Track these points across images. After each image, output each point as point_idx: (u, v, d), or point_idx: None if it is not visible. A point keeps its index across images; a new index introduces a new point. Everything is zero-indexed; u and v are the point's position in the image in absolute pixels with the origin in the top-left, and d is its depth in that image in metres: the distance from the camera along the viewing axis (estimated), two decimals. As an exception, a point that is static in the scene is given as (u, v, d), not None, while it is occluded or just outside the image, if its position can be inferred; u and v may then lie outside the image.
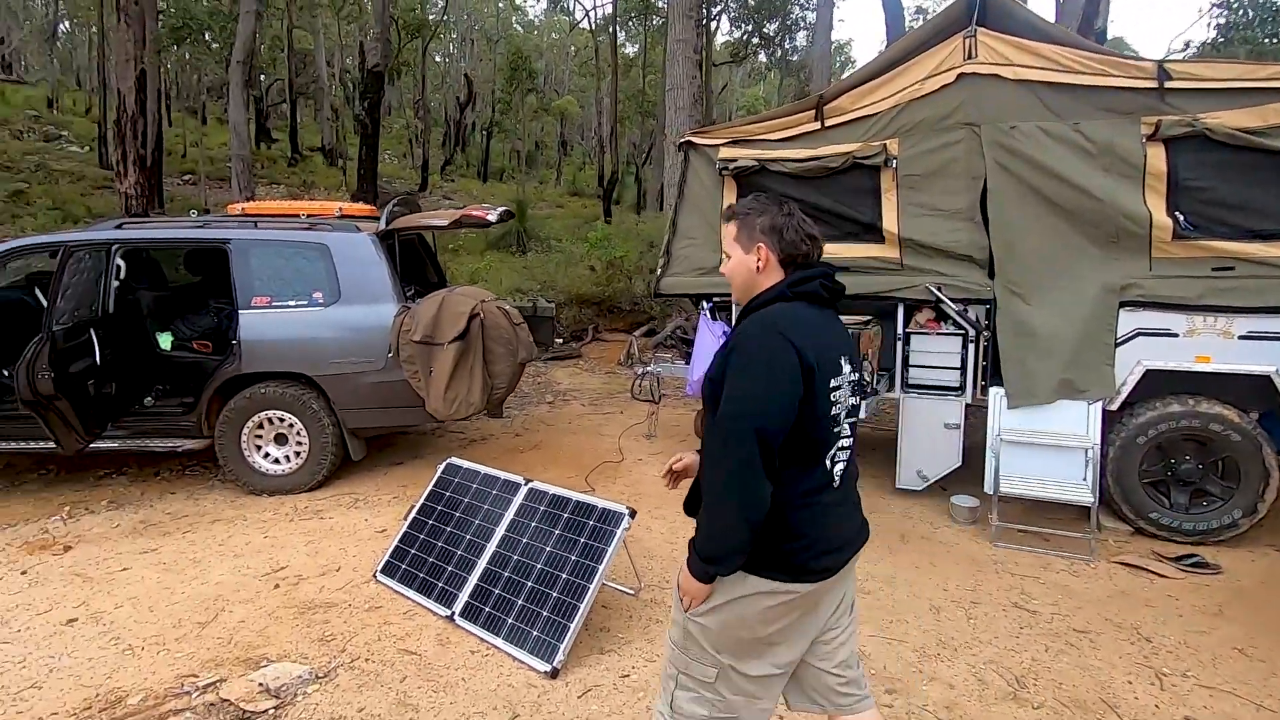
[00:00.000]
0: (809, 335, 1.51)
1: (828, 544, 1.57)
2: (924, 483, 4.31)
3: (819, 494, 1.56)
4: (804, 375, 1.47)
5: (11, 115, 24.16)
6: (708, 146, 4.72)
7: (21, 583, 3.43)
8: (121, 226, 4.66)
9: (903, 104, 4.21)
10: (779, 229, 1.60)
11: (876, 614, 3.09)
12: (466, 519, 3.26)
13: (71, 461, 5.01)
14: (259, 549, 3.78)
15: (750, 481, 1.44)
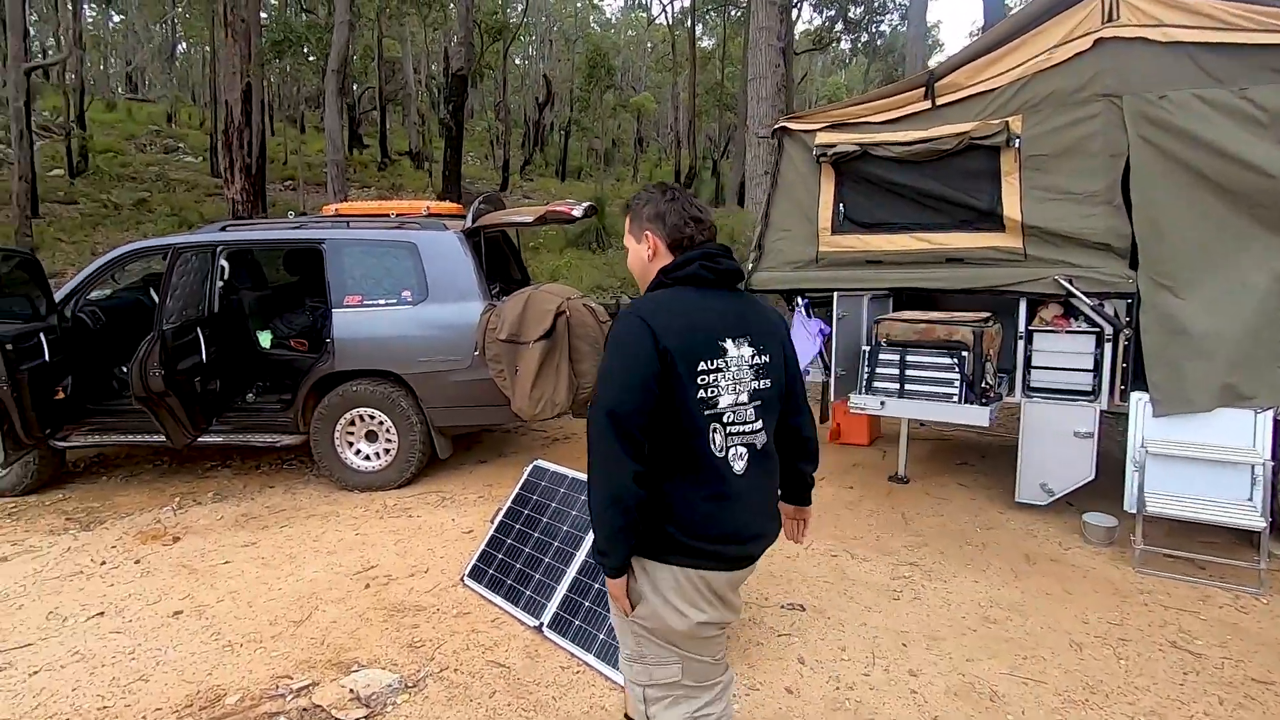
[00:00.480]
0: (676, 318, 1.51)
1: (732, 537, 1.56)
2: (1049, 497, 3.88)
3: (713, 486, 1.53)
4: (660, 357, 1.47)
5: (136, 130, 26.30)
6: (803, 132, 4.42)
7: (135, 572, 3.56)
8: (225, 229, 4.83)
9: (1027, 77, 3.79)
10: (662, 215, 1.61)
11: (1006, 648, 2.76)
12: (554, 525, 3.13)
13: (182, 454, 5.25)
14: (350, 546, 3.80)
15: (612, 467, 1.46)
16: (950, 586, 3.23)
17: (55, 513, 4.45)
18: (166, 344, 4.01)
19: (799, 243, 4.48)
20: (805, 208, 4.42)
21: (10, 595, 3.34)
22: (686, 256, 1.58)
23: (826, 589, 3.21)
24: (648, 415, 1.47)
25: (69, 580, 3.49)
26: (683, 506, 1.52)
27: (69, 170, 19.47)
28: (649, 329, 1.48)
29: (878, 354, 3.79)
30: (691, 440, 1.51)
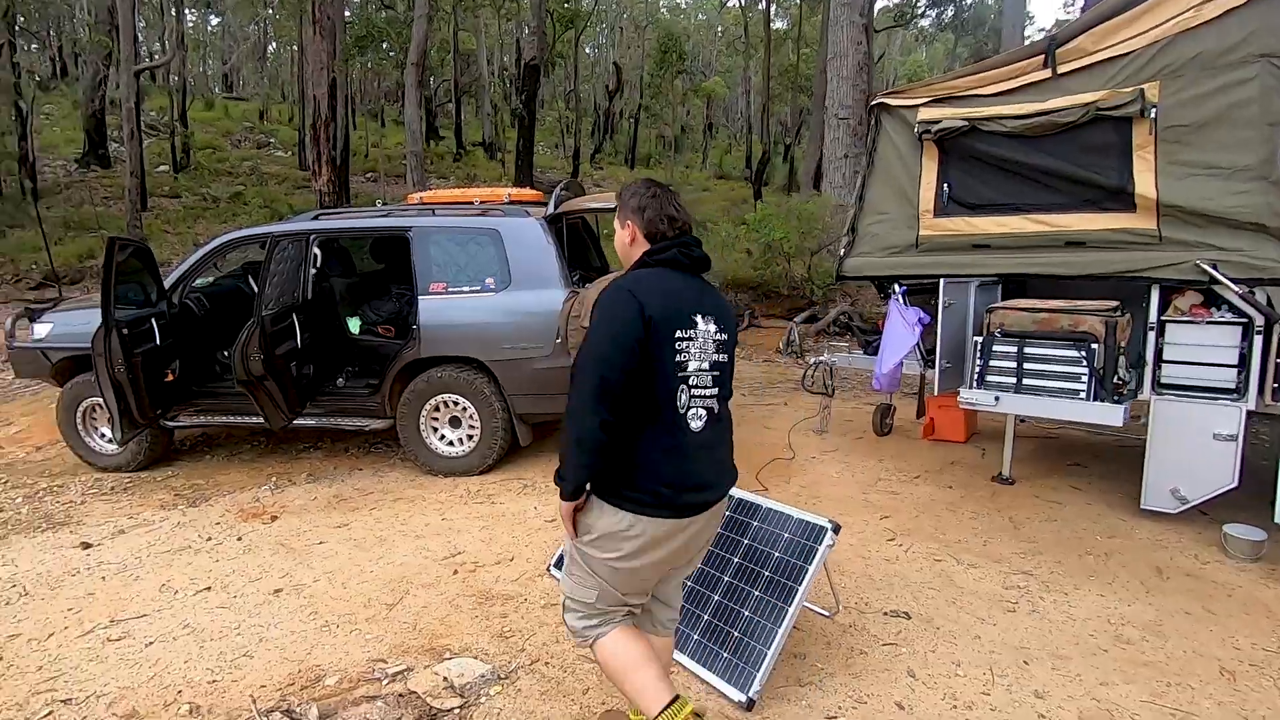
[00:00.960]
0: (657, 293, 1.74)
1: (683, 483, 1.77)
2: (1180, 505, 3.52)
3: (673, 438, 1.75)
4: (644, 324, 1.69)
5: (232, 127, 27.78)
6: (904, 108, 4.14)
7: (237, 549, 3.70)
8: (318, 218, 4.96)
9: (1168, 38, 3.41)
10: (643, 209, 1.85)
11: (1145, 673, 2.49)
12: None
13: (277, 436, 5.46)
14: (437, 531, 3.83)
15: (585, 414, 1.66)
16: (1072, 600, 2.96)
17: (165, 489, 4.69)
18: (265, 330, 4.13)
19: (897, 227, 4.21)
20: (904, 189, 4.15)
21: (128, 566, 3.52)
22: (667, 243, 1.83)
23: (932, 596, 3.00)
24: (628, 374, 1.68)
25: (178, 554, 3.65)
26: (645, 454, 1.74)
27: (173, 166, 20.77)
28: (636, 300, 1.70)
29: (991, 345, 3.51)
30: (662, 397, 1.74)
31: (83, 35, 20.50)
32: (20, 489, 4.76)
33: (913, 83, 4.56)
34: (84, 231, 15.25)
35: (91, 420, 4.96)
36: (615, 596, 1.84)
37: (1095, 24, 3.60)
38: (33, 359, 5.00)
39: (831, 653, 2.61)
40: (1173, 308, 3.50)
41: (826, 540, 2.42)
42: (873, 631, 2.74)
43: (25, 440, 5.83)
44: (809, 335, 8.61)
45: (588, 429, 1.66)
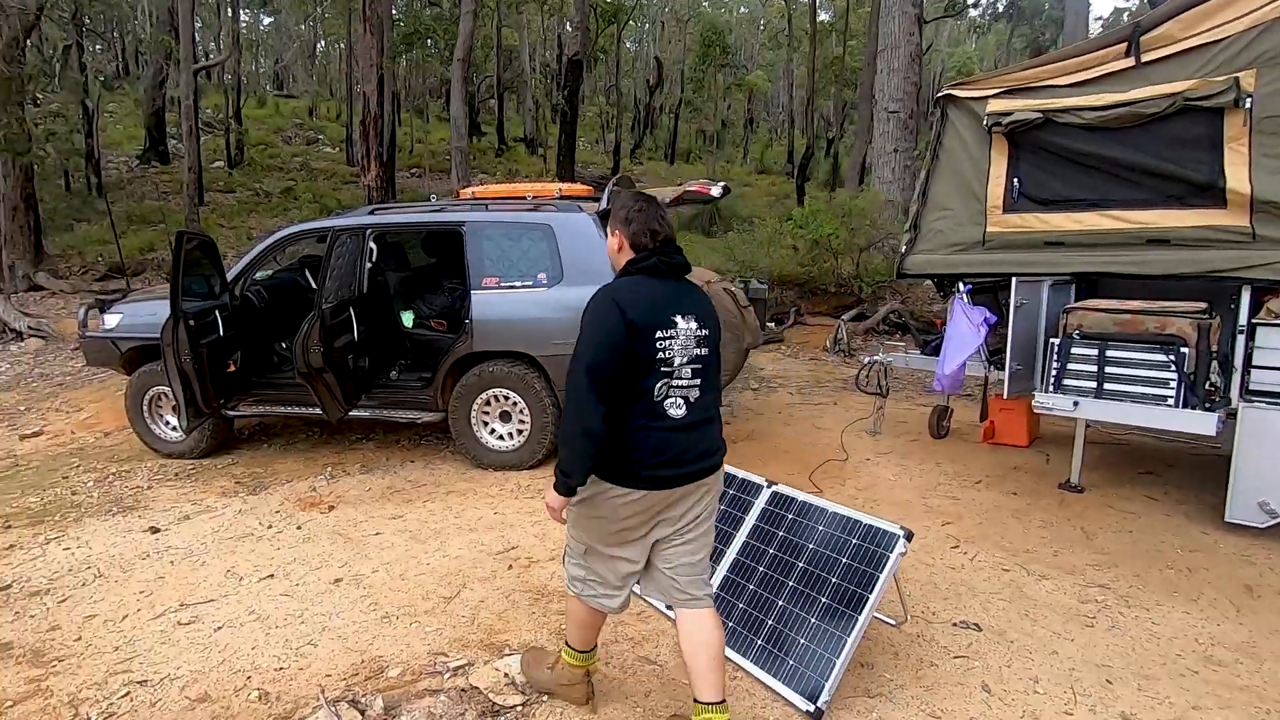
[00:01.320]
0: (637, 298, 1.94)
1: (662, 459, 1.97)
2: (1270, 520, 3.32)
3: (655, 421, 1.96)
4: (626, 328, 1.90)
5: (283, 124, 28.50)
6: (972, 100, 3.99)
7: (297, 537, 3.77)
8: (374, 212, 5.02)
9: (1265, 23, 3.20)
10: (629, 221, 2.04)
11: (1242, 698, 2.35)
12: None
13: (330, 426, 5.56)
14: (490, 525, 3.85)
15: (584, 406, 1.88)
16: (1155, 617, 2.82)
17: (226, 476, 4.82)
18: (325, 322, 4.20)
19: (962, 223, 4.07)
20: (971, 184, 4.00)
21: (194, 552, 3.62)
22: (648, 252, 2.01)
23: (1003, 608, 2.89)
24: (615, 370, 1.90)
25: (241, 541, 3.74)
26: (634, 435, 1.96)
27: (228, 162, 21.42)
28: (617, 306, 1.91)
29: (1069, 348, 3.36)
30: (642, 388, 1.95)
31: (145, 36, 21.27)
32: (91, 473, 4.95)
33: (980, 74, 4.38)
34: (145, 225, 15.81)
35: (157, 408, 5.12)
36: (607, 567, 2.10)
37: (1185, 9, 3.41)
38: (102, 348, 5.18)
39: (900, 663, 2.52)
40: (1265, 310, 3.30)
41: (899, 548, 2.34)
42: (942, 643, 2.64)
43: (95, 426, 6.07)
44: (857, 333, 8.43)
45: (593, 425, 1.88)
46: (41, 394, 7.12)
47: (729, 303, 3.92)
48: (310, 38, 38.31)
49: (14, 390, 7.28)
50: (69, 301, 11.80)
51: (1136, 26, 3.50)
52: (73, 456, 5.36)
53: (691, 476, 2.03)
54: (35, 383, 7.54)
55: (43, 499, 4.51)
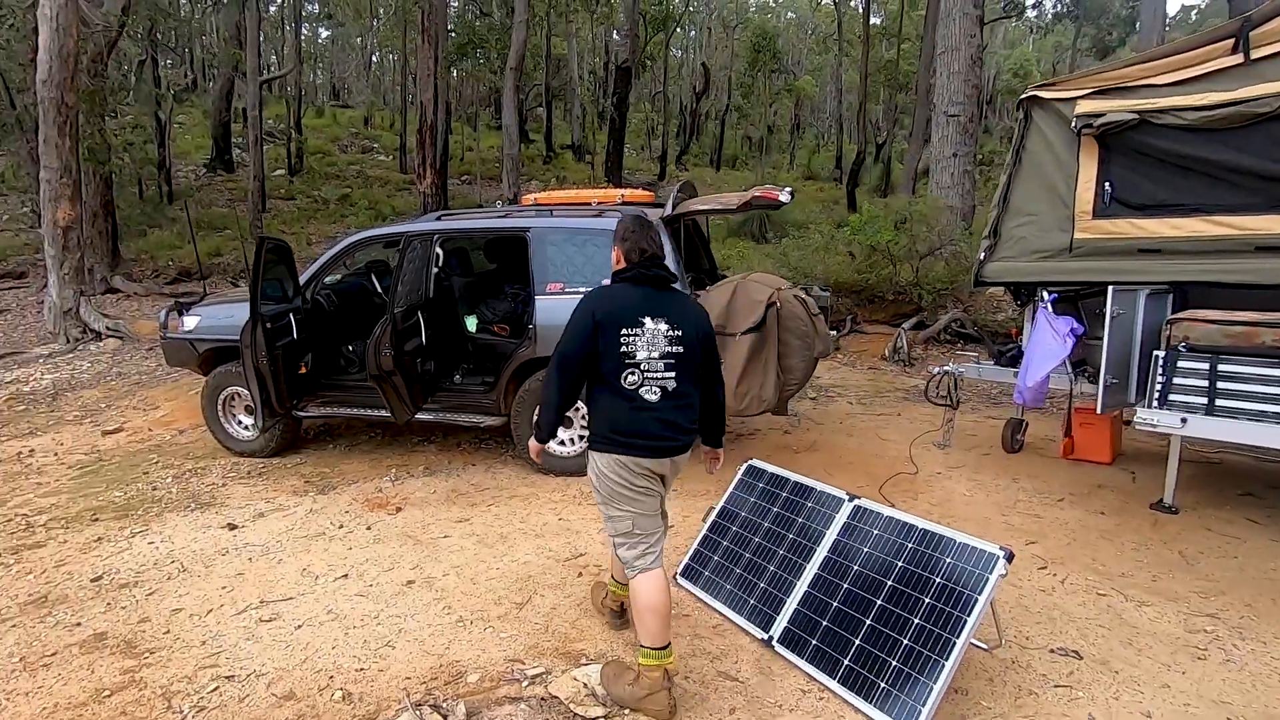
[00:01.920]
0: (608, 303, 2.37)
1: (640, 436, 2.36)
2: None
3: (627, 403, 2.34)
4: (592, 324, 2.32)
5: (339, 133, 29.42)
6: (1059, 100, 3.82)
7: (367, 538, 3.82)
8: (441, 218, 5.09)
9: (1393, 14, 2.98)
10: (625, 239, 2.45)
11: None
12: (778, 531, 2.92)
13: (392, 428, 5.66)
14: (556, 531, 3.83)
15: (550, 382, 2.40)
16: (1273, 650, 2.63)
17: (295, 475, 4.93)
18: (396, 326, 4.27)
19: (1047, 229, 3.90)
20: (1057, 188, 3.83)
21: (270, 550, 3.70)
22: (630, 265, 2.44)
23: (1103, 635, 2.73)
24: (581, 358, 2.35)
25: (315, 540, 3.81)
26: (611, 414, 2.38)
27: (288, 170, 22.19)
28: (589, 307, 2.38)
29: (1175, 361, 3.18)
30: (614, 375, 2.35)
31: (213, 53, 22.24)
32: (169, 469, 5.13)
33: (1066, 75, 4.20)
34: (212, 231, 16.47)
35: (230, 408, 5.28)
36: (640, 522, 2.42)
37: (1299, 1, 3.20)
38: (181, 349, 5.38)
39: (997, 690, 2.40)
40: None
41: (998, 569, 2.23)
42: (1040, 670, 2.51)
43: (171, 424, 6.30)
44: (917, 342, 8.21)
45: (552, 397, 2.42)
46: (120, 392, 7.45)
47: (799, 310, 3.84)
48: (366, 51, 39.52)
49: (96, 388, 7.63)
50: (142, 304, 12.36)
51: (1246, 21, 3.29)
52: (151, 453, 5.56)
53: (662, 451, 2.41)
54: (114, 381, 7.89)
55: (126, 493, 4.69)
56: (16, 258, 13.56)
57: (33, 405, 7.01)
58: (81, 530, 4.08)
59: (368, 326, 5.73)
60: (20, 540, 3.95)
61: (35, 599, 3.26)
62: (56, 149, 8.83)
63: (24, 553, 3.78)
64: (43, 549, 3.84)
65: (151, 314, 11.66)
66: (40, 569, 3.58)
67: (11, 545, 3.88)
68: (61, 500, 4.61)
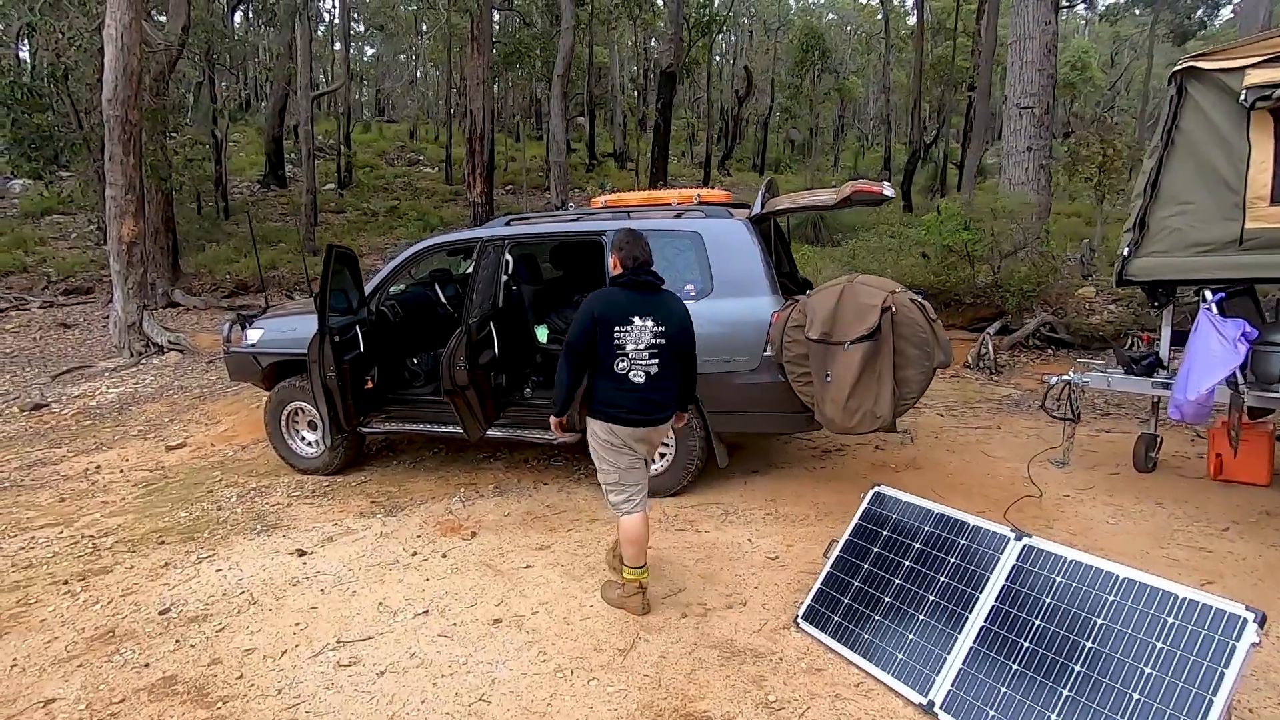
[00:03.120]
0: (605, 303, 2.93)
1: (626, 409, 2.95)
2: None
3: (618, 385, 2.94)
4: (592, 321, 2.90)
5: (386, 146, 29.91)
6: (1223, 71, 3.34)
7: (444, 567, 3.54)
8: (510, 223, 4.83)
9: None
10: (620, 249, 2.99)
11: None
12: (924, 573, 2.52)
13: (456, 444, 5.41)
14: (648, 562, 3.49)
15: (562, 367, 2.97)
16: None
17: (361, 495, 4.70)
18: (471, 337, 4.00)
19: (1208, 219, 3.41)
20: (1221, 172, 3.35)
21: (343, 579, 3.45)
22: (625, 271, 2.94)
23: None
24: (583, 347, 2.91)
25: (388, 569, 3.54)
26: (603, 392, 2.95)
27: (338, 184, 22.54)
28: (590, 308, 2.90)
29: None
30: (608, 362, 2.90)
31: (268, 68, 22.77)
32: (233, 487, 4.96)
33: (1231, 41, 3.69)
34: (266, 245, 16.75)
35: (294, 424, 5.10)
36: (625, 475, 2.99)
37: None
38: (244, 363, 5.22)
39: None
40: None
41: (1249, 636, 1.80)
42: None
43: (232, 439, 6.18)
44: (1002, 349, 7.65)
45: (564, 379, 2.95)
46: (182, 406, 7.40)
47: (917, 315, 3.44)
48: (411, 66, 40.26)
49: (158, 402, 7.61)
50: (201, 317, 12.53)
51: None
52: (215, 470, 5.42)
53: (645, 422, 2.97)
54: (176, 395, 7.86)
55: (191, 513, 4.52)
56: (84, 274, 13.93)
57: (99, 420, 7.00)
58: (148, 554, 3.91)
59: (432, 338, 5.53)
60: (88, 565, 3.79)
61: (102, 633, 3.06)
62: (121, 166, 8.92)
63: (91, 579, 3.61)
64: (109, 575, 3.67)
65: (211, 327, 11.78)
66: (108, 598, 3.39)
67: (79, 570, 3.72)
68: (128, 520, 4.46)
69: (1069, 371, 4.42)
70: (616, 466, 2.98)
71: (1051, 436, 5.27)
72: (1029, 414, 5.85)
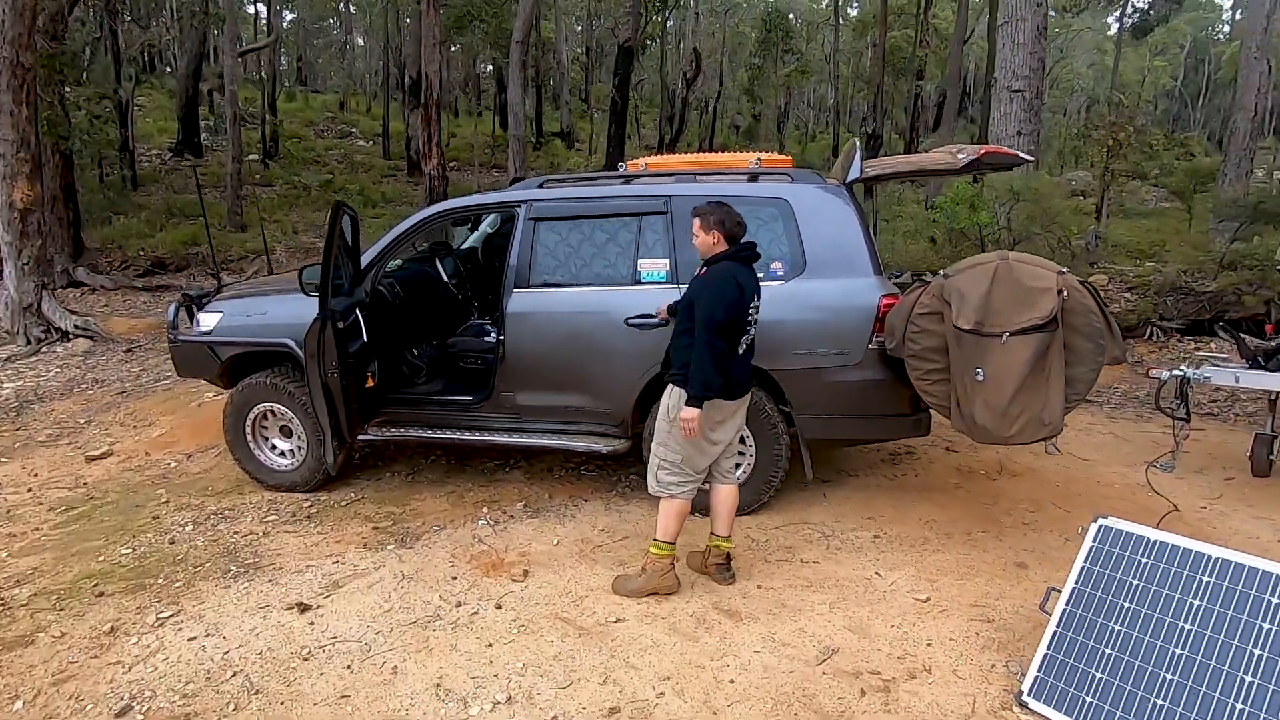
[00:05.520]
0: (742, 282, 2.80)
1: (736, 382, 2.87)
2: None
3: (737, 358, 2.87)
4: (739, 299, 2.77)
5: (314, 117, 27.71)
6: None
7: (505, 624, 2.72)
8: (544, 185, 3.97)
9: None
10: (723, 222, 2.84)
11: None
12: (1216, 639, 1.91)
13: (459, 450, 4.53)
14: (768, 608, 2.79)
15: (713, 351, 2.75)
16: None
17: (355, 517, 3.79)
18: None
19: None
20: None
21: (373, 648, 2.58)
22: (742, 245, 2.90)
23: None
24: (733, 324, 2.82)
25: (430, 629, 2.70)
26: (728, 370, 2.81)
27: (263, 154, 20.54)
28: (733, 284, 2.78)
29: None
30: (735, 339, 2.84)
31: (175, 31, 20.42)
32: (186, 510, 3.94)
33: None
34: (184, 219, 14.98)
35: (262, 430, 4.10)
36: (693, 460, 2.88)
37: None
38: (198, 355, 4.16)
39: None
40: None
41: None
42: None
43: (172, 445, 5.06)
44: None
45: (716, 359, 2.74)
46: (100, 403, 6.15)
47: (1089, 301, 2.86)
48: (338, 33, 37.59)
49: (68, 398, 6.31)
50: (111, 298, 10.90)
51: None
52: (156, 486, 4.36)
53: (746, 389, 2.97)
54: (91, 390, 6.56)
55: (135, 549, 3.50)
56: (-39, 247, 11.95)
57: (-8, 424, 5.70)
58: (84, 614, 2.91)
59: (434, 324, 4.62)
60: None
61: (31, 755, 2.11)
62: (12, 118, 7.41)
63: (3, 658, 2.60)
64: (30, 649, 2.67)
65: (126, 310, 10.23)
66: (31, 690, 2.42)
67: (-17, 645, 2.70)
68: (47, 561, 3.41)
69: (1181, 365, 3.97)
70: (687, 449, 2.83)
71: (1126, 434, 4.89)
72: (1084, 408, 5.46)
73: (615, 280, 3.71)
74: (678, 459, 2.83)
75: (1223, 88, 37.36)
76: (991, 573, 3.00)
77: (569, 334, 3.71)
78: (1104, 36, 37.82)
